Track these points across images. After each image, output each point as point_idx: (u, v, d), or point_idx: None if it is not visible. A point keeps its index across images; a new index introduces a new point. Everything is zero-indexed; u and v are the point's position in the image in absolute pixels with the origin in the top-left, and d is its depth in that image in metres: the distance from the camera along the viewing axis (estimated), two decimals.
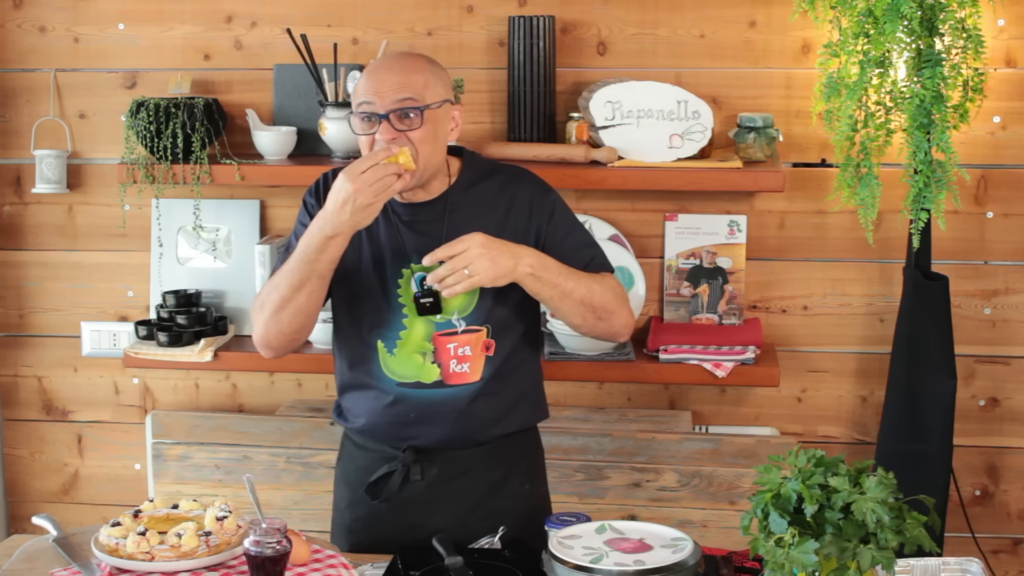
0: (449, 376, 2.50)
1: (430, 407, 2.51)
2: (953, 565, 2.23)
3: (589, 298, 2.47)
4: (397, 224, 2.50)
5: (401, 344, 2.50)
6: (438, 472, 2.55)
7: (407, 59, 2.46)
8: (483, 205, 2.51)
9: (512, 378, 2.56)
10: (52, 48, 3.54)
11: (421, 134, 2.39)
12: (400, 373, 2.52)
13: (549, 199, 2.55)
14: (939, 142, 2.92)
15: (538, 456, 2.72)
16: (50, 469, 3.76)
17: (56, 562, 2.32)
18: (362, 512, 2.59)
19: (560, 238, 2.53)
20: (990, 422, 3.45)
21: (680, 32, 3.36)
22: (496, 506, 2.56)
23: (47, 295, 3.67)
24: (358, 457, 2.62)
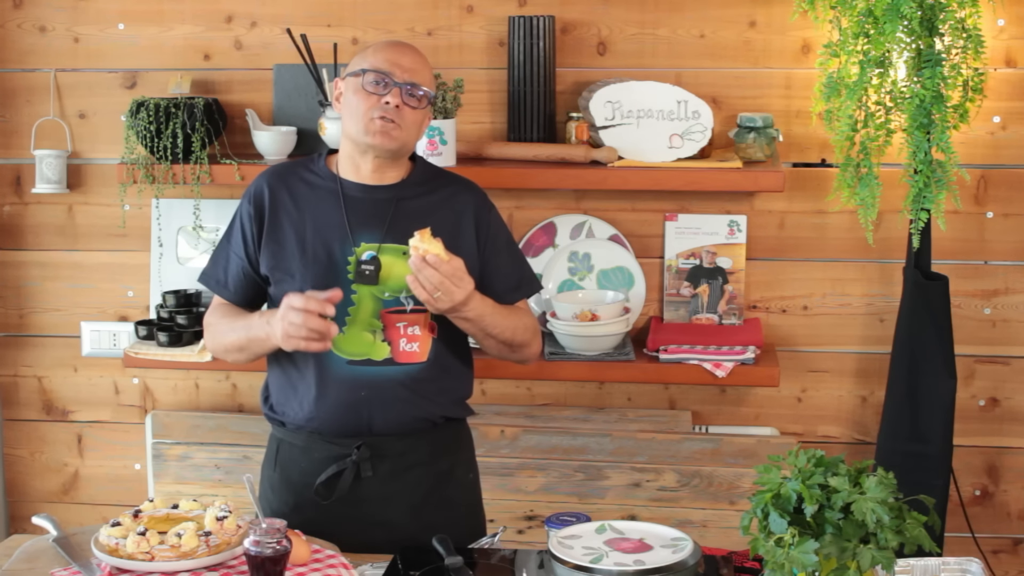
0: (399, 354, 2.56)
1: (380, 384, 2.55)
2: (953, 565, 2.23)
3: (510, 337, 2.62)
4: (343, 201, 2.58)
5: (351, 321, 2.54)
6: (387, 467, 2.57)
7: (419, 51, 2.64)
8: (433, 205, 2.61)
9: (453, 365, 2.64)
10: (52, 48, 3.54)
11: (417, 116, 2.56)
12: (350, 351, 2.55)
13: (492, 214, 2.67)
14: (939, 142, 2.92)
15: (472, 449, 2.79)
16: (50, 469, 3.76)
17: (56, 562, 2.32)
18: (311, 514, 2.55)
19: (496, 255, 2.64)
20: (990, 422, 3.45)
21: (680, 32, 3.36)
22: (445, 496, 2.62)
23: (47, 295, 3.67)
24: (299, 459, 2.62)
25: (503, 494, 3.39)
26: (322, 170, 2.62)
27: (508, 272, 2.66)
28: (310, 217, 2.58)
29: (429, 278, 2.38)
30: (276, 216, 2.60)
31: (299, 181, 2.63)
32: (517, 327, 2.62)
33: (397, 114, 2.51)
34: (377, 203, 2.57)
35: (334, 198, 2.58)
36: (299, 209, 2.59)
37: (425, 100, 2.56)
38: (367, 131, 2.51)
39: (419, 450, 2.60)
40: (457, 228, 2.59)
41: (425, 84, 2.56)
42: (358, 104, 2.53)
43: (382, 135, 2.51)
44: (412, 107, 2.53)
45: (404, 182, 2.61)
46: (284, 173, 2.66)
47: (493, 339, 2.59)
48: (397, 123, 2.51)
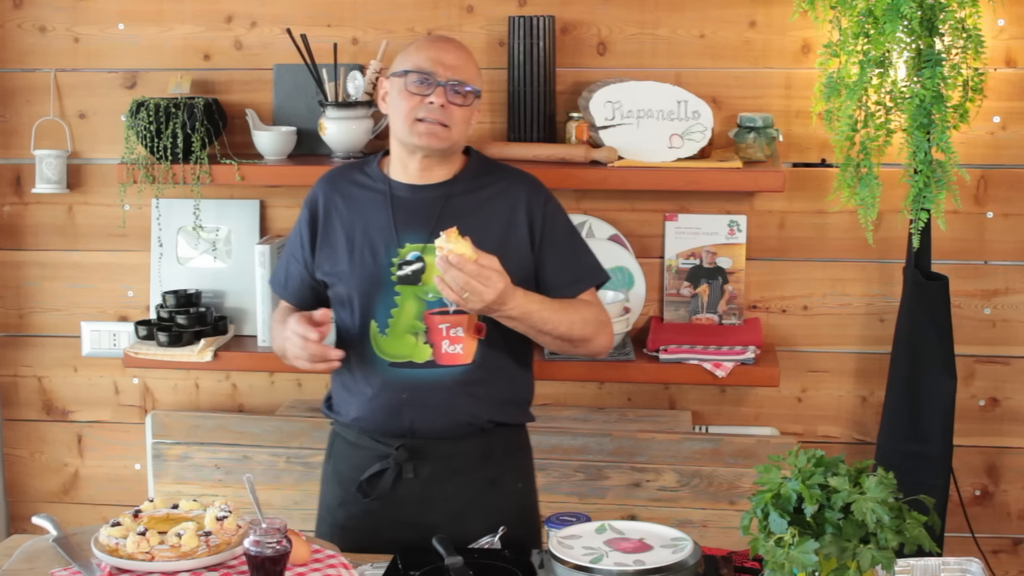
0: (441, 356, 2.54)
1: (422, 387, 2.53)
2: (953, 565, 2.23)
3: (566, 332, 2.54)
4: (390, 201, 2.57)
5: (393, 323, 2.54)
6: (431, 470, 2.56)
7: (463, 46, 2.62)
8: (483, 201, 2.57)
9: (503, 368, 2.59)
10: (52, 48, 3.54)
11: (465, 113, 2.54)
12: (392, 353, 2.55)
13: (549, 206, 2.61)
14: (939, 142, 2.92)
15: (529, 457, 2.74)
16: (50, 469, 3.76)
17: (56, 562, 2.32)
18: (355, 510, 2.59)
19: (553, 248, 2.59)
20: (990, 422, 3.45)
21: (680, 32, 3.36)
22: (491, 505, 2.58)
23: (47, 295, 3.67)
24: (350, 455, 2.63)
25: None
26: (374, 172, 2.63)
27: (567, 264, 2.60)
28: (359, 219, 2.58)
29: (455, 279, 2.35)
30: (329, 220, 2.62)
31: (351, 184, 2.64)
32: (574, 321, 2.54)
33: (443, 113, 2.50)
34: (425, 202, 2.56)
35: (383, 199, 2.58)
36: (350, 212, 2.60)
37: (471, 96, 2.54)
38: (413, 132, 2.51)
39: (464, 455, 2.57)
40: (510, 222, 2.56)
41: (470, 80, 2.54)
42: (402, 105, 2.52)
43: (429, 136, 2.50)
44: (458, 104, 2.52)
45: (454, 179, 2.59)
46: (338, 177, 2.68)
47: (548, 335, 2.53)
48: (444, 123, 2.50)
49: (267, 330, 3.38)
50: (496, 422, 2.59)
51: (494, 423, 2.59)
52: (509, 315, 2.46)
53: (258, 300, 3.39)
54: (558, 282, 2.59)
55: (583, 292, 2.62)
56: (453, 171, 2.60)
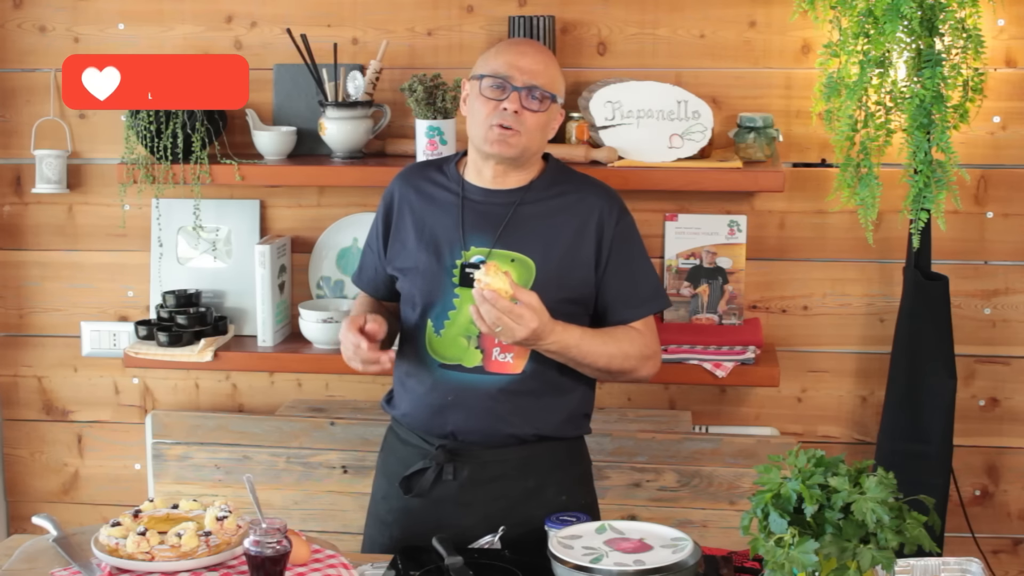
0: (490, 363, 2.53)
1: (467, 392, 2.53)
2: (953, 565, 2.23)
3: (607, 365, 2.53)
4: (462, 204, 2.57)
5: (449, 324, 2.54)
6: (470, 474, 2.56)
7: (546, 51, 2.60)
8: (553, 211, 2.56)
9: (556, 381, 2.56)
10: (52, 48, 3.54)
11: (541, 120, 2.52)
12: (444, 354, 2.56)
13: (621, 224, 2.59)
14: (939, 142, 2.92)
15: (580, 468, 2.70)
16: (50, 469, 3.76)
17: (56, 562, 2.32)
18: (396, 505, 2.61)
19: (616, 268, 2.57)
20: (990, 422, 3.45)
21: (680, 32, 3.36)
22: (531, 515, 2.51)
23: (47, 295, 3.67)
24: (398, 449, 2.65)
25: None
26: (451, 172, 2.63)
27: (628, 287, 2.58)
28: (430, 218, 2.59)
29: (487, 313, 2.36)
30: (402, 216, 2.63)
31: (427, 182, 2.64)
32: (614, 355, 2.53)
33: (516, 120, 2.48)
34: (495, 208, 2.55)
35: (456, 201, 2.58)
36: (422, 210, 2.61)
37: (548, 102, 2.52)
38: (486, 139, 2.51)
39: (504, 463, 2.56)
40: (578, 234, 2.55)
41: (547, 85, 2.52)
42: (478, 110, 2.52)
43: (499, 144, 2.49)
44: (533, 111, 2.50)
45: (528, 186, 2.57)
46: (413, 174, 2.69)
47: (587, 367, 2.53)
48: (516, 129, 2.49)
49: (267, 330, 3.38)
50: (540, 435, 2.58)
51: (538, 436, 2.57)
52: (547, 349, 2.46)
53: (258, 300, 3.39)
54: (616, 305, 2.58)
55: (640, 319, 2.60)
56: (529, 178, 2.58)
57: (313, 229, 3.52)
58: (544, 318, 2.40)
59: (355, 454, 3.38)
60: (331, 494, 3.41)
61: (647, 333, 2.60)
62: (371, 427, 3.36)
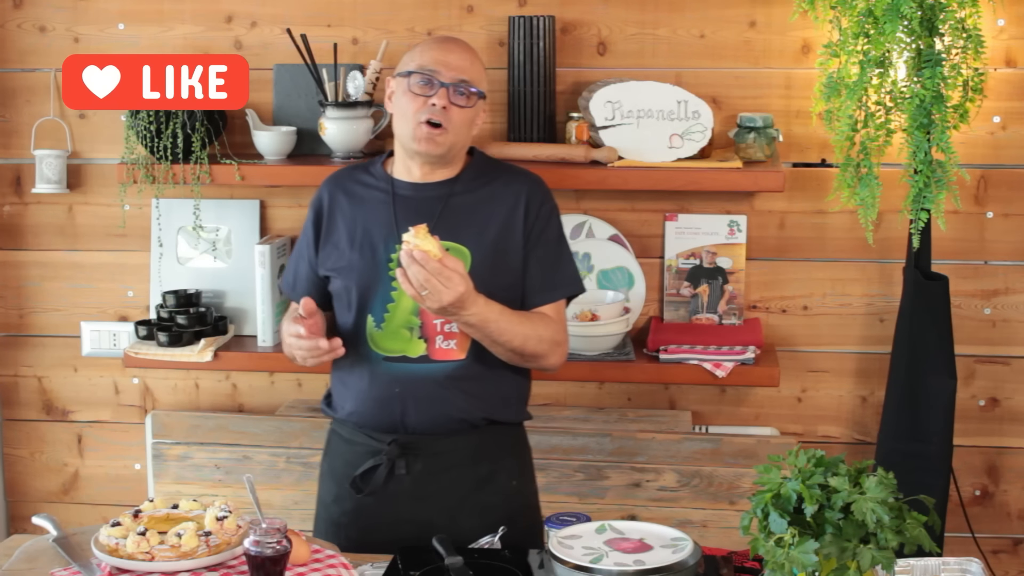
0: (435, 351, 2.54)
1: (414, 381, 2.54)
2: (953, 565, 2.23)
3: (519, 346, 2.53)
4: (392, 199, 2.58)
5: (389, 317, 2.55)
6: (423, 466, 2.56)
7: (471, 48, 2.62)
8: (483, 200, 2.58)
9: (498, 366, 2.58)
10: (52, 48, 3.54)
11: (469, 115, 2.55)
12: (386, 347, 2.56)
13: (545, 208, 2.62)
14: (939, 142, 2.92)
15: (526, 454, 2.74)
16: (50, 469, 3.76)
17: (56, 562, 2.32)
18: (349, 507, 2.60)
19: (537, 250, 2.58)
20: (990, 422, 3.45)
21: (680, 32, 3.36)
22: (484, 502, 2.58)
23: (47, 295, 3.67)
24: (344, 451, 2.64)
25: None
26: (378, 172, 2.65)
27: (547, 270, 2.60)
28: (361, 216, 2.60)
29: (416, 275, 2.36)
30: (332, 218, 2.64)
31: (355, 183, 2.66)
32: (529, 336, 2.53)
33: (444, 115, 2.50)
34: (427, 201, 2.57)
35: (386, 197, 2.60)
36: (353, 210, 2.62)
37: (475, 97, 2.54)
38: (414, 137, 2.52)
39: (457, 452, 2.58)
40: (508, 220, 2.57)
41: (475, 81, 2.55)
42: (406, 106, 2.53)
43: (427, 142, 2.51)
44: (461, 106, 2.52)
45: (456, 178, 2.60)
46: (342, 177, 2.70)
47: (501, 347, 2.53)
48: (444, 126, 2.50)
49: (267, 330, 3.38)
50: (489, 419, 2.60)
51: (487, 420, 2.60)
52: (467, 320, 2.45)
53: (258, 300, 3.39)
54: (534, 285, 2.59)
55: (555, 301, 2.62)
56: (456, 170, 2.61)
57: None
58: (469, 285, 2.40)
59: None
60: None
61: (558, 320, 2.62)
62: None
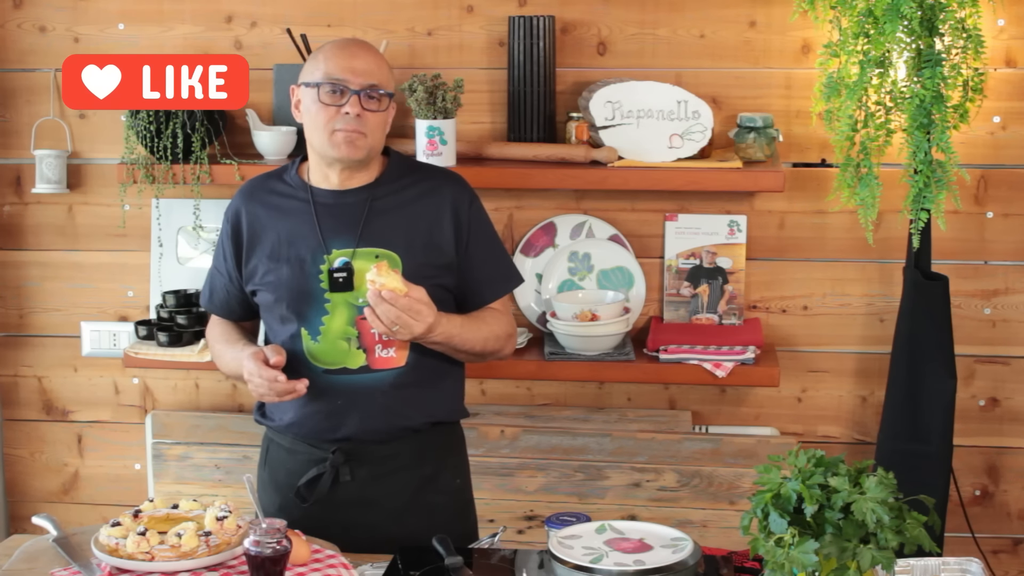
0: (375, 361, 2.54)
1: (356, 392, 2.53)
2: (953, 565, 2.23)
3: (480, 349, 2.59)
4: (314, 209, 2.55)
5: (325, 331, 2.53)
6: (368, 472, 2.57)
7: (375, 49, 2.58)
8: (408, 202, 2.57)
9: (437, 367, 2.59)
10: (52, 48, 3.54)
11: (382, 118, 2.53)
12: (325, 360, 2.54)
13: (474, 207, 2.62)
14: (939, 142, 2.92)
15: (464, 453, 2.75)
16: (50, 469, 3.76)
17: (56, 562, 2.32)
18: (296, 516, 2.55)
19: (475, 250, 2.59)
20: (990, 422, 3.45)
21: (680, 32, 3.36)
22: (430, 502, 2.59)
23: (47, 295, 3.67)
24: (286, 460, 2.63)
25: (503, 494, 3.38)
26: (294, 180, 2.61)
27: (485, 268, 2.61)
28: (284, 229, 2.56)
29: (386, 313, 2.37)
30: (254, 232, 2.60)
31: (271, 194, 2.62)
32: (488, 339, 2.58)
33: (359, 122, 2.47)
34: (349, 207, 2.54)
35: (306, 207, 2.56)
36: (273, 222, 2.58)
37: (386, 100, 2.52)
38: (330, 144, 2.49)
39: (401, 456, 2.58)
40: (435, 223, 2.56)
41: (383, 83, 2.51)
42: (317, 115, 2.50)
43: (347, 146, 2.48)
44: (373, 111, 2.49)
45: (376, 182, 2.57)
46: (256, 188, 2.65)
47: (463, 353, 2.58)
48: (361, 131, 2.48)
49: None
50: (432, 421, 2.61)
51: (430, 423, 2.60)
52: (433, 340, 2.49)
53: None
54: (478, 285, 2.61)
55: (500, 297, 2.64)
56: (375, 174, 2.58)
57: None
58: (435, 311, 2.44)
59: None
60: None
61: (506, 312, 2.66)
62: None
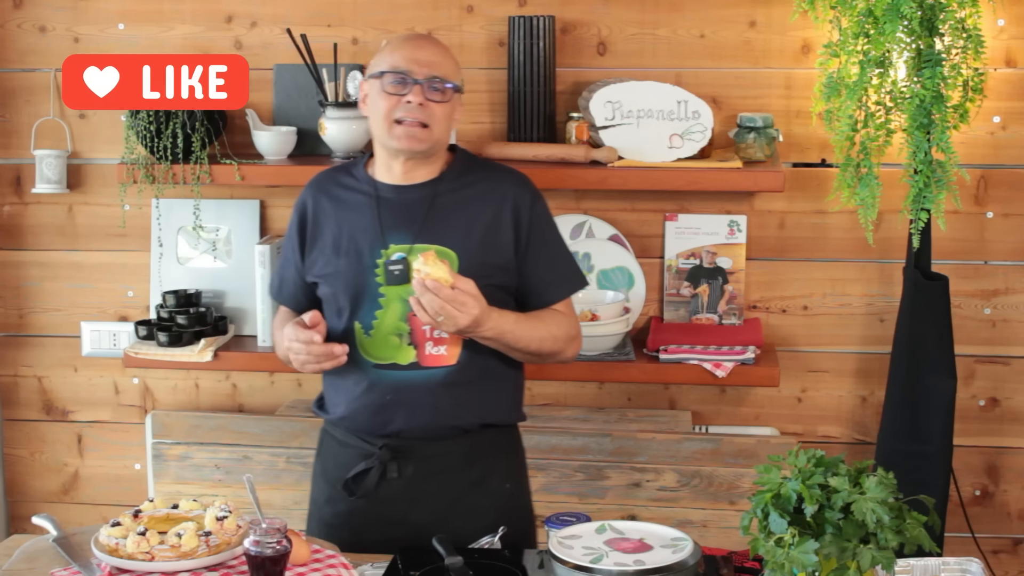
0: (425, 358, 2.53)
1: (405, 389, 2.53)
2: (953, 565, 2.23)
3: (536, 348, 2.56)
4: (376, 203, 2.56)
5: (377, 325, 2.54)
6: (415, 470, 2.56)
7: (441, 43, 2.61)
8: (468, 200, 2.56)
9: (490, 369, 2.57)
10: (52, 48, 3.54)
11: (446, 110, 2.52)
12: (376, 355, 2.55)
13: (536, 208, 2.60)
14: (939, 142, 2.92)
15: (518, 457, 2.73)
16: (50, 469, 3.76)
17: (56, 562, 2.32)
18: (342, 508, 2.59)
19: (536, 251, 2.58)
20: (990, 422, 3.45)
21: (680, 32, 3.36)
22: (475, 504, 2.57)
23: (47, 295, 3.67)
24: (338, 452, 2.64)
25: None
26: (360, 174, 2.63)
27: (549, 269, 2.60)
28: (346, 222, 2.58)
29: (430, 303, 2.37)
30: (317, 223, 2.62)
31: (337, 186, 2.64)
32: (544, 338, 2.56)
33: (423, 112, 2.48)
34: (410, 203, 2.55)
35: (369, 201, 2.57)
36: (337, 215, 2.60)
37: (451, 92, 2.52)
38: (392, 135, 2.51)
39: (449, 456, 2.57)
40: (495, 221, 2.55)
41: (448, 75, 2.52)
42: (381, 107, 2.52)
43: (408, 139, 2.49)
44: (437, 102, 2.50)
45: (439, 178, 2.57)
46: (324, 180, 2.68)
47: (519, 352, 2.55)
48: (424, 121, 2.49)
49: (267, 330, 3.38)
50: (482, 423, 2.59)
51: (480, 424, 2.59)
52: (483, 336, 2.47)
53: (258, 300, 3.39)
54: (539, 286, 2.59)
55: (562, 299, 2.62)
56: (438, 170, 2.58)
57: None
58: (483, 304, 2.42)
59: None
60: None
61: (569, 314, 2.64)
62: None
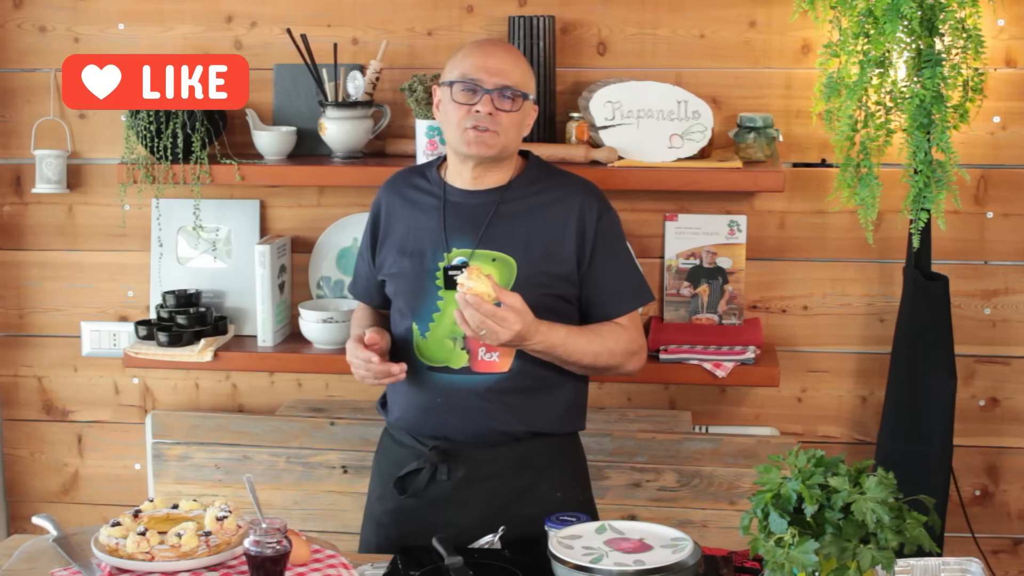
0: (477, 363, 2.55)
1: (455, 393, 2.55)
2: (953, 565, 2.23)
3: (592, 362, 2.56)
4: (443, 206, 2.58)
5: (434, 327, 2.56)
6: (464, 474, 2.57)
7: (513, 50, 2.62)
8: (534, 209, 2.57)
9: (544, 377, 2.57)
10: (52, 48, 3.54)
11: (516, 118, 2.54)
12: (430, 357, 2.57)
13: (603, 220, 2.59)
14: (939, 142, 2.92)
15: (575, 465, 2.72)
16: (50, 469, 3.76)
17: (56, 562, 2.32)
18: (391, 506, 2.62)
19: (600, 264, 2.57)
20: (990, 422, 3.45)
21: (680, 32, 3.36)
22: (525, 512, 2.54)
23: (47, 295, 3.67)
24: (393, 451, 2.67)
25: None
26: (433, 176, 2.65)
27: (612, 283, 2.59)
28: (414, 223, 2.61)
29: (471, 317, 2.38)
30: (389, 223, 2.66)
31: (410, 188, 2.67)
32: (599, 353, 2.55)
33: (492, 121, 2.50)
34: (476, 208, 2.57)
35: (437, 204, 2.60)
36: (406, 215, 2.63)
37: (520, 100, 2.53)
38: (463, 141, 2.52)
39: (498, 462, 2.58)
40: (559, 232, 2.56)
41: (518, 84, 2.53)
42: (451, 115, 2.53)
43: (478, 144, 2.51)
44: (506, 111, 2.51)
45: (507, 185, 2.59)
46: (398, 181, 2.71)
47: (572, 365, 2.55)
48: (493, 130, 2.50)
49: (267, 330, 3.38)
50: (532, 432, 2.59)
51: (530, 433, 2.58)
52: (532, 349, 2.48)
53: (258, 300, 3.39)
54: (602, 299, 2.59)
55: (625, 313, 2.61)
56: (508, 176, 2.60)
57: (313, 229, 3.52)
58: (528, 319, 2.42)
59: (355, 454, 3.38)
60: (331, 494, 3.41)
61: (632, 328, 2.62)
62: (371, 427, 3.36)
